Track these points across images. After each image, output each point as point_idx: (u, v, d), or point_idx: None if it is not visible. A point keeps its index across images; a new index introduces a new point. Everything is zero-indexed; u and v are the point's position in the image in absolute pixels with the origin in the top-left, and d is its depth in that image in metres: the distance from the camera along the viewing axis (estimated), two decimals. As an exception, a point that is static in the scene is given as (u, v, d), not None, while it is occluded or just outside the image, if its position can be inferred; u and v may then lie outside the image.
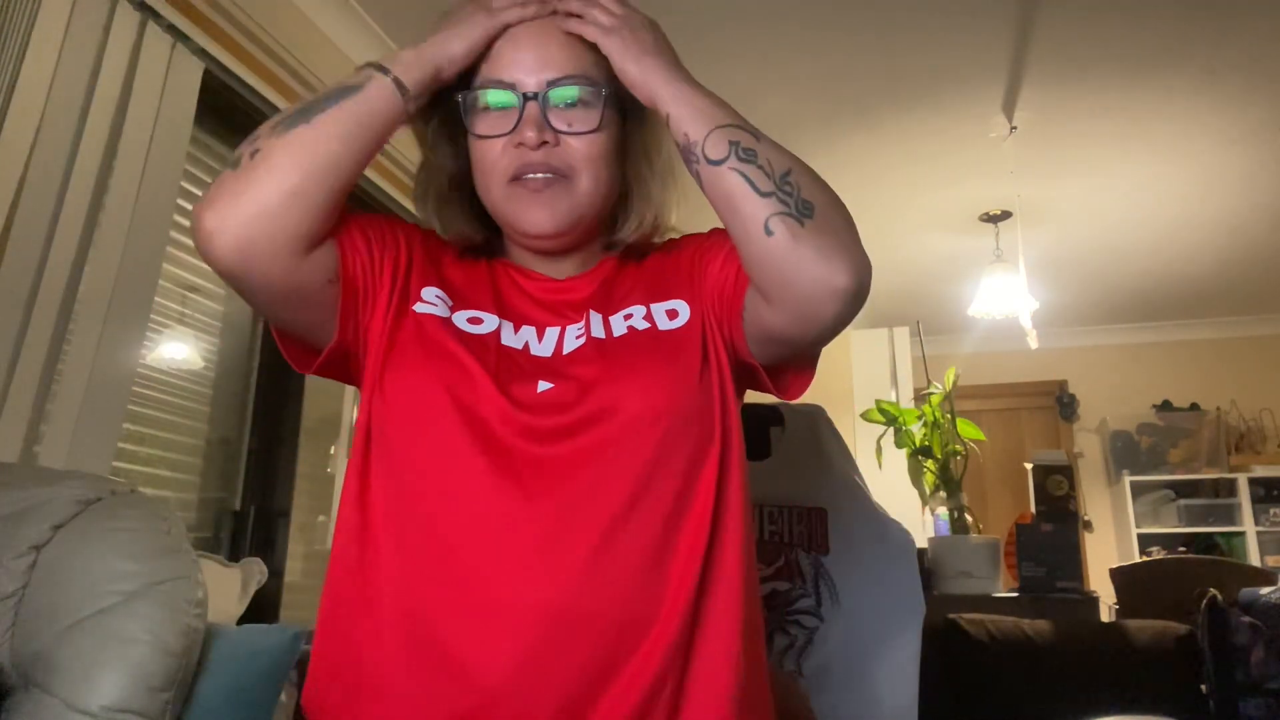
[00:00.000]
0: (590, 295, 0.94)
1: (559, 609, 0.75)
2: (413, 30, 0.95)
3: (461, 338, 0.86)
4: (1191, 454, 5.45)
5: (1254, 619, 2.18)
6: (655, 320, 0.89)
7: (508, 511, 0.78)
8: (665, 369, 0.85)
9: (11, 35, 1.67)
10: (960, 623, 2.25)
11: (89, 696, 1.18)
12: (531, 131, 0.87)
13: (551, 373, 0.85)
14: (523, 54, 0.89)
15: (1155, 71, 3.04)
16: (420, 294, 0.90)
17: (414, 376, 0.84)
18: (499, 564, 0.77)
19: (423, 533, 0.81)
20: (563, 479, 0.79)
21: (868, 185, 3.90)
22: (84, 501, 1.33)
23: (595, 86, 0.89)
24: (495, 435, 0.81)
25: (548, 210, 0.89)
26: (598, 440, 0.81)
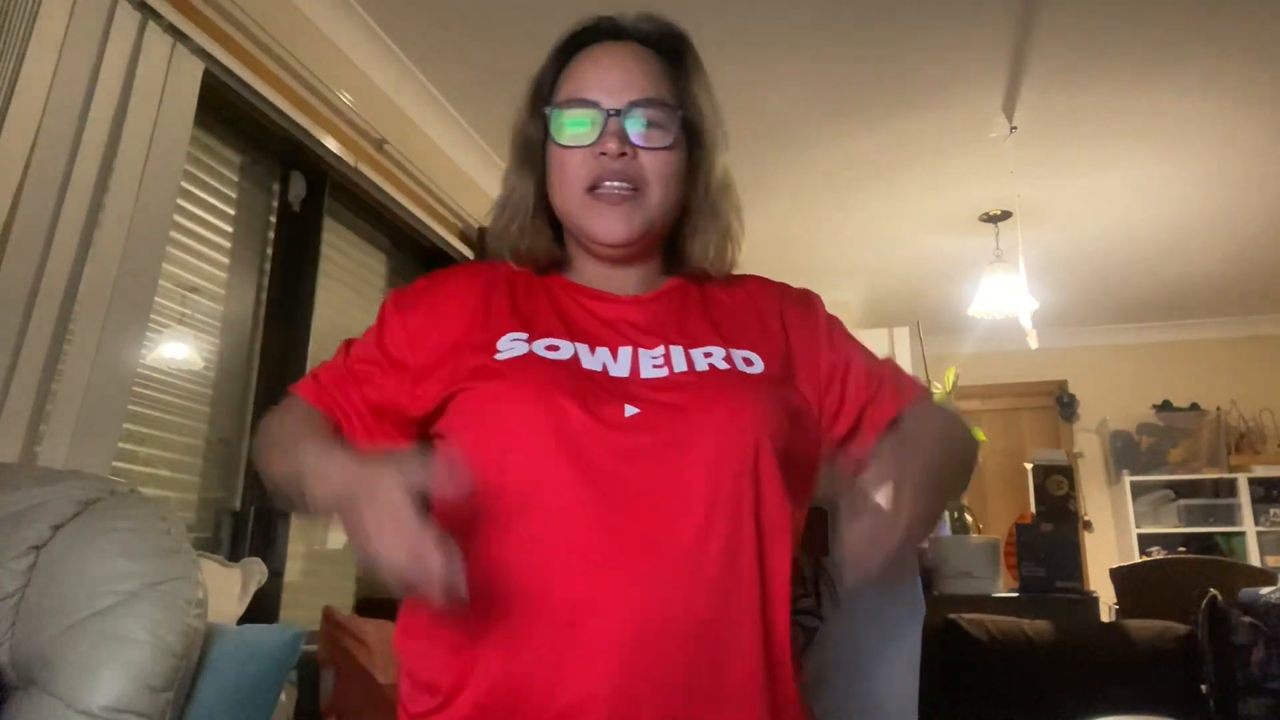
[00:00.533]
0: (657, 319, 0.98)
1: (657, 620, 0.80)
2: (413, 30, 0.95)
3: (546, 365, 0.90)
4: (1191, 454, 5.45)
5: (1254, 619, 2.18)
6: (735, 363, 0.93)
7: (601, 527, 0.82)
8: (749, 397, 0.90)
9: (11, 35, 1.67)
10: (960, 623, 2.25)
11: (89, 696, 1.18)
12: (613, 143, 0.94)
13: (635, 397, 0.88)
14: (606, 74, 0.97)
15: (1155, 71, 3.04)
16: (497, 345, 0.92)
17: (507, 407, 0.88)
18: (594, 582, 0.81)
19: (520, 553, 0.84)
20: (652, 495, 0.83)
21: (868, 185, 3.90)
22: (84, 501, 1.33)
23: (671, 109, 0.97)
24: (587, 455, 0.84)
25: (624, 220, 0.96)
26: (685, 459, 0.85)
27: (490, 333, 0.94)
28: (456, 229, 3.47)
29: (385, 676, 2.17)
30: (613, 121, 0.95)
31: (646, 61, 0.99)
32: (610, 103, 0.96)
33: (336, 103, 2.68)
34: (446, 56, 2.95)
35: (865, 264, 4.79)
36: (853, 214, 4.18)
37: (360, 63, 2.85)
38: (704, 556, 0.82)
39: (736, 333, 0.98)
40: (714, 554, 0.82)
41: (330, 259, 2.88)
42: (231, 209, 2.48)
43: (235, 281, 2.49)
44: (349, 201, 2.95)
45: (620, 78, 0.97)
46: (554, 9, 2.68)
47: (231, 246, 2.47)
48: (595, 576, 0.81)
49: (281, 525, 2.48)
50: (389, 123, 2.98)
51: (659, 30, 1.03)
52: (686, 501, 0.83)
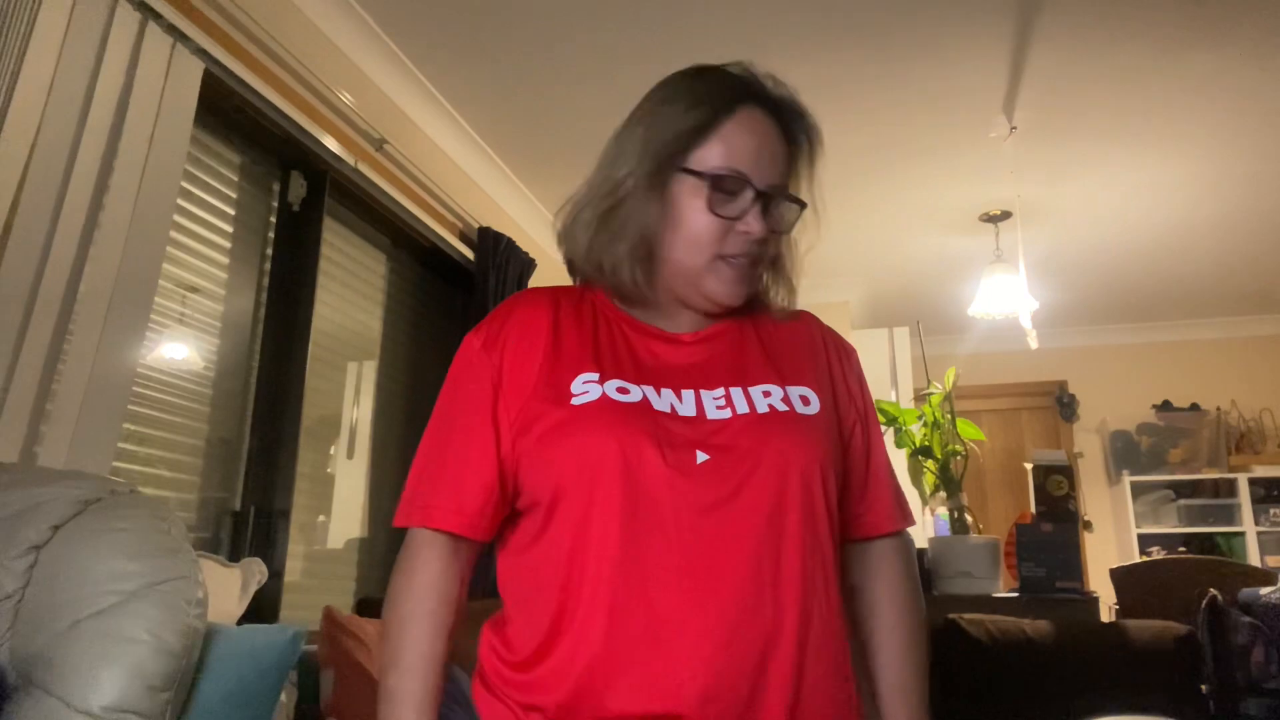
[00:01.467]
0: (715, 359, 1.03)
1: (730, 633, 0.88)
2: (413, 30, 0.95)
3: (620, 410, 0.94)
4: (1191, 454, 5.45)
5: (1254, 619, 2.18)
6: (793, 404, 0.99)
7: (677, 571, 0.89)
8: (807, 440, 0.96)
9: (11, 35, 1.67)
10: (960, 623, 2.25)
11: (89, 696, 1.18)
12: (760, 226, 1.00)
13: (704, 443, 0.93)
14: (761, 150, 1.01)
15: (1155, 72, 3.04)
16: (571, 389, 0.96)
17: (588, 452, 0.92)
18: (679, 613, 0.88)
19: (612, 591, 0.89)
20: (722, 539, 0.90)
21: (868, 185, 3.90)
22: (84, 501, 1.33)
23: (798, 199, 1.05)
24: (665, 503, 0.90)
25: (744, 288, 1.03)
26: (752, 505, 0.92)
27: (562, 375, 0.97)
28: (456, 229, 3.47)
29: (385, 676, 2.17)
30: (761, 204, 1.00)
31: (782, 140, 1.05)
32: (760, 181, 1.00)
33: (336, 103, 2.68)
34: (446, 56, 2.95)
35: (865, 264, 4.79)
36: (853, 213, 4.18)
37: (360, 63, 2.85)
38: (766, 588, 0.90)
39: (792, 369, 1.03)
40: (774, 586, 0.90)
41: (330, 259, 2.88)
42: (231, 209, 2.48)
43: (235, 281, 2.49)
44: (349, 201, 2.95)
45: (769, 154, 1.02)
46: (554, 9, 2.69)
47: (231, 246, 2.47)
48: (674, 610, 0.87)
49: (281, 525, 2.48)
50: (389, 123, 2.98)
51: (795, 108, 1.07)
52: (751, 543, 0.90)
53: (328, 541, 2.92)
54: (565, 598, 0.90)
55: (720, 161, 0.99)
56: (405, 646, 0.95)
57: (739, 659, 0.87)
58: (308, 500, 2.77)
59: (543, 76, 3.05)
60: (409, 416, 3.35)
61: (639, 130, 1.03)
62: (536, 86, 3.11)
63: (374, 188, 2.93)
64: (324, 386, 2.88)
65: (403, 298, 3.41)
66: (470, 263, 3.49)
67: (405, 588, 0.98)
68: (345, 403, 3.01)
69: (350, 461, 3.04)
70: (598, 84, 3.04)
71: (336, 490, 2.95)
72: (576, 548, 0.91)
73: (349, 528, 3.03)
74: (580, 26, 2.77)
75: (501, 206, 3.80)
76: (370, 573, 3.05)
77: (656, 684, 0.86)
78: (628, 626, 0.87)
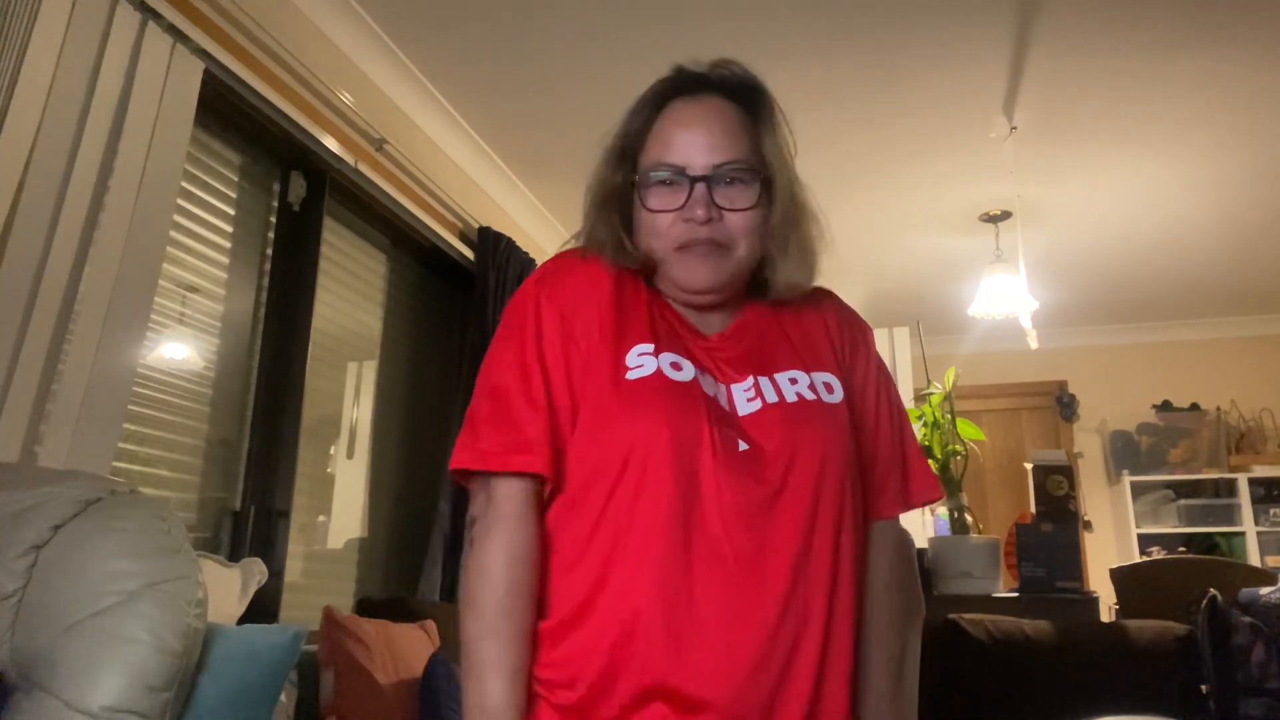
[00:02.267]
0: (741, 350, 1.04)
1: (770, 628, 0.90)
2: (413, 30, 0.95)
3: (673, 391, 0.96)
4: (1191, 454, 5.44)
5: (1254, 619, 2.18)
6: (819, 392, 1.01)
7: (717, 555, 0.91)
8: (836, 434, 0.99)
9: (11, 35, 1.67)
10: (960, 623, 2.25)
11: (89, 696, 1.18)
12: (700, 210, 0.99)
13: (742, 432, 0.96)
14: (691, 136, 1.01)
15: (1155, 71, 3.04)
16: (626, 361, 0.97)
17: (643, 428, 0.93)
18: (721, 606, 0.90)
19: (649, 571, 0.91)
20: (767, 533, 0.92)
21: (868, 185, 3.90)
22: (84, 501, 1.33)
23: (753, 170, 1.02)
24: (712, 487, 0.92)
25: (711, 272, 1.02)
26: (795, 497, 0.94)
27: (620, 343, 0.99)
28: (456, 229, 3.47)
29: (385, 676, 2.17)
30: (699, 188, 1.00)
31: (727, 117, 1.03)
32: (696, 168, 1.00)
33: (336, 103, 2.68)
34: (446, 56, 2.95)
35: (865, 264, 4.79)
36: (853, 214, 4.17)
37: (360, 63, 2.85)
38: (799, 588, 0.92)
39: (814, 355, 1.06)
40: (810, 574, 0.93)
41: (330, 259, 2.88)
42: (231, 209, 2.48)
43: (235, 281, 2.49)
44: (349, 201, 2.95)
45: (704, 140, 1.01)
46: (555, 10, 2.69)
47: (231, 247, 2.47)
48: (719, 599, 0.89)
49: (281, 525, 2.48)
50: (389, 123, 2.98)
51: (737, 81, 1.06)
52: (792, 531, 0.92)
53: (328, 541, 2.92)
54: (607, 573, 0.91)
55: (653, 159, 1.02)
56: (499, 613, 0.92)
57: (773, 654, 0.89)
58: (308, 500, 2.77)
59: (543, 76, 3.05)
60: (409, 416, 3.35)
61: (604, 152, 1.07)
62: (537, 86, 3.11)
63: (374, 188, 2.93)
64: (324, 386, 2.88)
65: (403, 298, 3.41)
66: (470, 263, 3.49)
67: (501, 544, 0.94)
68: (345, 403, 3.01)
69: (350, 461, 3.04)
70: (598, 84, 3.04)
71: (336, 490, 2.95)
72: (622, 528, 0.91)
73: (349, 528, 3.03)
74: (581, 27, 2.77)
75: (501, 206, 3.80)
76: (370, 573, 3.05)
77: (694, 669, 0.88)
78: (670, 610, 0.89)
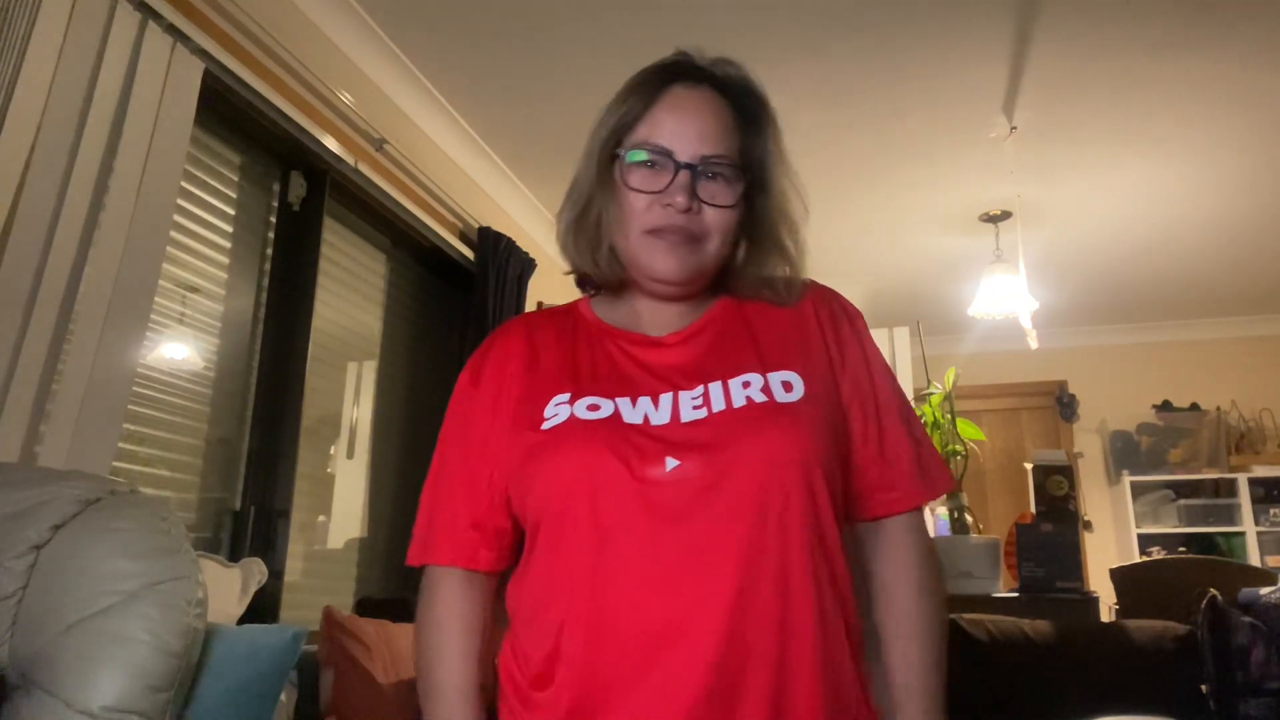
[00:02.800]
0: (697, 355, 1.01)
1: (723, 640, 0.86)
2: (413, 30, 0.95)
3: (588, 428, 0.94)
4: (1191, 454, 5.44)
5: (1254, 619, 2.18)
6: (773, 393, 0.95)
7: (657, 581, 0.88)
8: (789, 434, 0.93)
9: (11, 35, 1.67)
10: (960, 623, 2.25)
11: (89, 696, 1.18)
12: (682, 197, 0.97)
13: (675, 446, 0.92)
14: (684, 125, 1.00)
15: (1155, 71, 3.04)
16: (544, 413, 0.97)
17: (556, 476, 0.93)
18: (653, 628, 0.87)
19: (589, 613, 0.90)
20: (699, 543, 0.88)
21: (868, 185, 3.90)
22: (84, 501, 1.33)
23: (738, 169, 1.01)
24: (636, 516, 0.89)
25: (679, 262, 1.00)
26: (729, 504, 0.89)
27: (537, 400, 0.98)
28: (456, 229, 3.47)
29: (385, 676, 2.17)
30: (683, 174, 0.98)
31: (721, 113, 1.02)
32: (684, 154, 0.98)
33: (336, 103, 2.68)
34: (446, 56, 2.95)
35: (865, 264, 4.79)
36: (853, 214, 4.18)
37: (360, 63, 2.85)
38: (758, 588, 0.87)
39: (777, 352, 1.01)
40: (768, 584, 0.88)
41: (330, 259, 2.88)
42: (231, 209, 2.48)
43: (235, 281, 2.49)
44: (349, 201, 2.95)
45: (696, 129, 0.99)
46: (555, 10, 2.69)
47: (231, 246, 2.47)
48: (656, 621, 0.87)
49: (281, 525, 2.48)
50: (389, 123, 2.98)
51: (737, 83, 1.05)
52: (733, 543, 0.88)
53: (328, 541, 2.92)
54: (553, 622, 0.91)
55: (641, 138, 1.01)
56: (436, 679, 0.99)
57: (731, 664, 0.86)
58: (308, 500, 2.77)
59: (544, 77, 3.05)
60: (409, 416, 3.35)
61: (593, 131, 1.06)
62: (537, 86, 3.11)
63: (374, 188, 2.93)
64: (324, 386, 2.88)
65: (403, 298, 3.41)
66: (470, 263, 3.49)
67: (427, 621, 1.02)
68: (345, 403, 3.01)
69: (350, 461, 3.04)
70: (598, 84, 3.03)
71: (336, 490, 2.95)
72: (556, 573, 0.92)
73: (349, 528, 3.03)
74: (581, 26, 2.77)
75: (501, 206, 3.80)
76: (370, 573, 3.05)
77: (649, 702, 0.86)
78: (610, 647, 0.87)
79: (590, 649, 0.88)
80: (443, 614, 1.01)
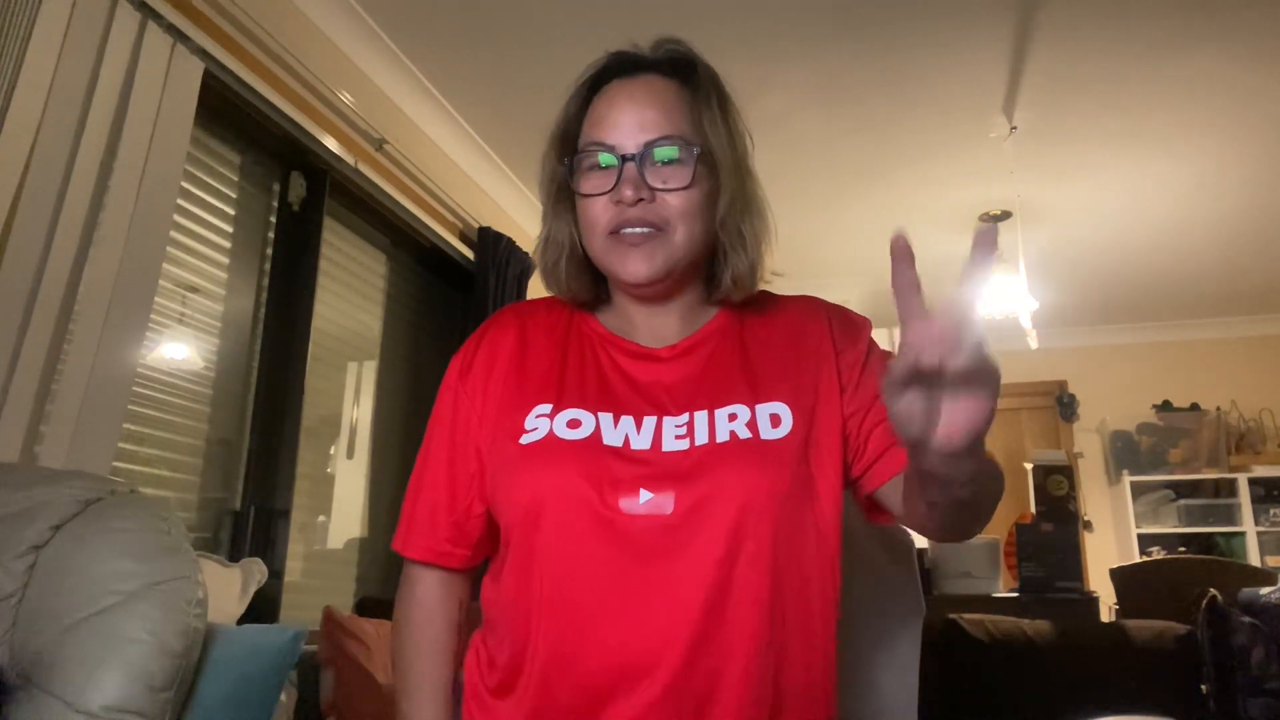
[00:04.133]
0: (687, 378, 0.98)
1: (673, 679, 0.85)
2: (413, 30, 0.95)
3: (563, 451, 0.92)
4: (1191, 454, 5.44)
5: (1254, 619, 2.18)
6: (759, 428, 0.92)
7: (623, 609, 0.87)
8: (766, 474, 0.90)
9: (11, 35, 1.67)
10: (960, 623, 2.25)
11: (89, 696, 1.18)
12: (629, 190, 0.94)
13: (652, 477, 0.89)
14: (622, 116, 0.96)
15: (1155, 71, 3.04)
16: (524, 425, 0.95)
17: (528, 494, 0.92)
18: (612, 663, 0.86)
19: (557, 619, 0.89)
20: (668, 578, 0.87)
21: (868, 185, 3.90)
22: (84, 501, 1.33)
23: (689, 145, 0.96)
24: (606, 546, 0.88)
25: (646, 261, 0.95)
26: (697, 548, 0.87)
27: (519, 406, 0.97)
28: (456, 229, 3.47)
29: (385, 676, 2.17)
30: (628, 167, 0.94)
31: (662, 96, 0.98)
32: (626, 146, 0.95)
33: (336, 103, 2.68)
34: (446, 56, 2.95)
35: (865, 264, 4.79)
36: (853, 213, 4.18)
37: (360, 63, 2.85)
38: (719, 630, 0.86)
39: (769, 380, 0.97)
40: (729, 627, 0.86)
41: (330, 259, 2.88)
42: (231, 209, 2.48)
43: (235, 281, 2.49)
44: (349, 201, 2.95)
45: (634, 118, 0.96)
46: (555, 9, 2.69)
47: (231, 246, 2.47)
48: (616, 653, 0.86)
49: (281, 525, 2.48)
50: (389, 123, 2.98)
51: (671, 58, 1.01)
52: (698, 581, 0.86)
53: (328, 541, 2.92)
54: (517, 638, 0.91)
55: (583, 141, 0.98)
56: (411, 675, 1.00)
57: (688, 702, 0.85)
58: (308, 500, 2.77)
59: (543, 76, 3.05)
60: (409, 416, 3.35)
61: (540, 160, 1.04)
62: (537, 86, 3.11)
63: (374, 188, 2.93)
64: (324, 386, 2.88)
65: (403, 298, 3.40)
66: (470, 263, 3.49)
67: (404, 618, 1.03)
68: (345, 403, 3.01)
69: (350, 461, 3.04)
70: (598, 84, 3.04)
71: (336, 490, 2.95)
72: (522, 589, 0.91)
73: (349, 528, 3.03)
74: (580, 26, 2.77)
75: (501, 206, 3.80)
76: (370, 573, 3.05)
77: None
78: (569, 676, 0.87)
79: (549, 674, 0.88)
80: (417, 613, 1.02)
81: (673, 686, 0.84)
